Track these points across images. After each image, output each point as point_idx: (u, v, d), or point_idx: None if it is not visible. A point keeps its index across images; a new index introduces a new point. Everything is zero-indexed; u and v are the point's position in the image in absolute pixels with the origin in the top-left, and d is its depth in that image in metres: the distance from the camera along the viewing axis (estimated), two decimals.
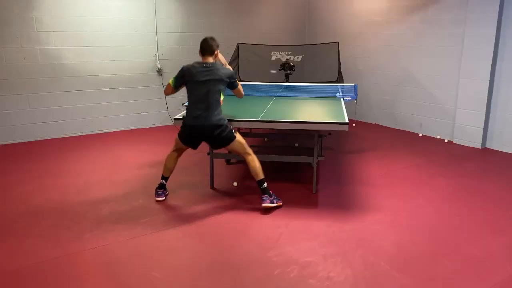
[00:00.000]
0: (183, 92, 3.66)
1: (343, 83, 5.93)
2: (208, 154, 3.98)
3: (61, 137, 5.90)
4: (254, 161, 3.51)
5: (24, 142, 5.61)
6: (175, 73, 6.99)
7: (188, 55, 6.74)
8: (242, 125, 3.80)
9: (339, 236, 3.05)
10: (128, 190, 3.93)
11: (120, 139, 5.85)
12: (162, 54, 6.51)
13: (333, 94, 4.94)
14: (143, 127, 6.59)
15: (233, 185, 4.08)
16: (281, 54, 6.70)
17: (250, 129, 5.46)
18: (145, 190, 3.93)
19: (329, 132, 5.12)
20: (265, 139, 5.75)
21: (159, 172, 4.41)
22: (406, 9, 6.28)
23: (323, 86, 5.54)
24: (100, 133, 6.18)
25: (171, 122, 6.67)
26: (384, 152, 5.31)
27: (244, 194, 3.87)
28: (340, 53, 6.36)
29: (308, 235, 3.07)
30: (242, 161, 4.77)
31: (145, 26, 6.31)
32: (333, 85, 5.59)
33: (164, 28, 6.48)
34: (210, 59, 3.47)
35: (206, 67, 3.40)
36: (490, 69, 5.25)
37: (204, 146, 3.85)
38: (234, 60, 6.33)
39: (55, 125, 5.84)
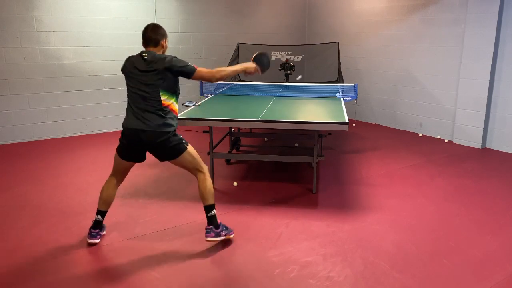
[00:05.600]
0: (183, 92, 3.59)
1: (343, 83, 5.94)
2: (208, 154, 3.98)
3: (61, 137, 5.89)
4: (205, 182, 2.87)
5: (24, 142, 5.61)
6: None
7: (188, 55, 6.74)
8: (242, 125, 3.81)
9: (339, 236, 3.05)
10: (128, 190, 3.93)
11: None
12: None
13: (333, 94, 4.94)
14: None
15: (233, 185, 4.08)
16: (281, 54, 6.71)
17: (250, 129, 5.47)
18: (145, 190, 3.93)
19: (329, 132, 5.12)
20: (265, 139, 5.75)
21: (159, 172, 4.42)
22: (406, 9, 6.28)
23: (323, 86, 5.55)
24: (100, 133, 6.17)
25: None
26: (384, 152, 5.31)
27: (244, 194, 3.87)
28: (340, 53, 6.37)
29: (308, 235, 3.07)
30: (243, 161, 4.80)
31: (145, 26, 6.29)
32: (333, 85, 5.59)
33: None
34: (153, 50, 2.88)
35: (145, 57, 2.80)
36: (490, 69, 5.25)
37: (203, 147, 3.84)
38: (234, 60, 6.34)
39: (55, 125, 5.83)
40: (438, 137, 6.05)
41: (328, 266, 2.66)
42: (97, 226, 2.94)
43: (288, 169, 4.56)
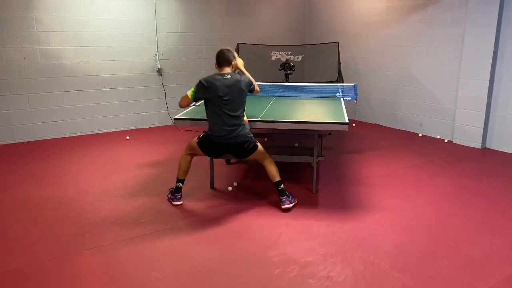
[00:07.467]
0: (182, 92, 3.63)
1: (343, 83, 5.94)
2: None
3: (61, 137, 5.90)
4: (271, 165, 3.54)
5: (24, 142, 5.61)
6: (174, 73, 6.96)
7: (188, 55, 6.75)
8: None
9: (339, 236, 3.05)
10: (128, 190, 3.93)
11: (120, 139, 5.86)
12: (162, 54, 6.51)
13: (333, 94, 4.94)
14: (143, 127, 6.59)
15: (233, 185, 4.08)
16: (281, 54, 6.71)
17: (250, 129, 5.46)
18: (145, 190, 3.93)
19: (329, 132, 5.12)
20: (265, 139, 5.74)
21: (159, 172, 4.42)
22: (406, 9, 6.28)
23: (323, 86, 5.55)
24: (100, 133, 6.18)
25: (171, 122, 6.67)
26: (384, 152, 5.31)
27: (244, 194, 3.87)
28: (340, 53, 6.37)
29: (308, 235, 3.07)
30: (242, 161, 4.79)
31: (145, 26, 6.30)
32: (333, 85, 5.59)
33: (164, 28, 6.48)
34: (228, 70, 3.41)
35: (228, 78, 3.32)
36: (490, 69, 5.24)
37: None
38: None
39: (55, 125, 5.84)
40: (438, 137, 6.06)
41: (328, 266, 2.66)
42: (179, 190, 3.61)
43: (288, 169, 4.55)
